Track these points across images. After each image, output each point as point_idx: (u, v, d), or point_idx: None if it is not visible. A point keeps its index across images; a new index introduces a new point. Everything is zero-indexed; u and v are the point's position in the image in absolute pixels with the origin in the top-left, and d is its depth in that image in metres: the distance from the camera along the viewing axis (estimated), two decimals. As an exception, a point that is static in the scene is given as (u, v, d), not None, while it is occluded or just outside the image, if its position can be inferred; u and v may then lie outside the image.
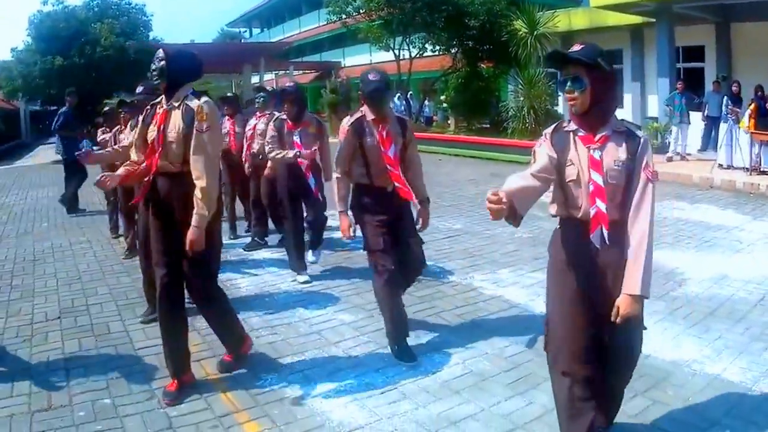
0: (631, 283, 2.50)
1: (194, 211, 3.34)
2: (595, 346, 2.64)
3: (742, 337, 4.22)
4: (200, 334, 4.39)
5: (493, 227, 7.58)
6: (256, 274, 5.95)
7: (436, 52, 19.60)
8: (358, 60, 35.34)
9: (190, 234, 3.34)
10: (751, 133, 10.56)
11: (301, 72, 41.27)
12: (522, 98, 16.18)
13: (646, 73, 17.96)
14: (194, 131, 3.37)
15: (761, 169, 10.54)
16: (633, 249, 2.52)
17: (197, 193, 3.34)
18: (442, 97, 23.75)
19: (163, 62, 3.41)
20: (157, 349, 4.17)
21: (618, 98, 2.73)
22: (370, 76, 4.06)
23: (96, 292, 5.60)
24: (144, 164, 3.58)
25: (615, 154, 2.55)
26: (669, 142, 13.25)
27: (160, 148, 3.42)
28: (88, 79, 18.88)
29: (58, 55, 18.45)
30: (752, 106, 10.82)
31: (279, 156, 5.58)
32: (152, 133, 3.48)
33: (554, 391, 2.75)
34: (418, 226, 4.18)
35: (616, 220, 2.55)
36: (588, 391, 2.63)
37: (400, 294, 4.13)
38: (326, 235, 6.34)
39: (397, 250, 4.00)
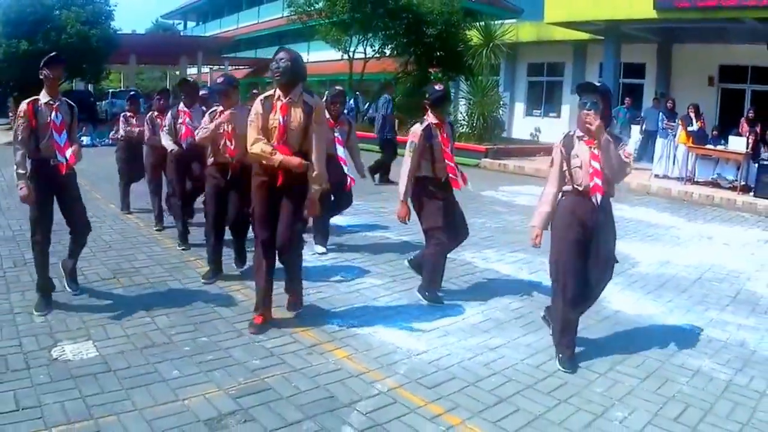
0: None
1: (310, 187, 4.45)
2: (585, 272, 4.15)
3: (687, 302, 5.61)
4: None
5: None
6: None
7: (394, 56, 20.70)
8: (295, 58, 36.16)
9: (309, 204, 4.48)
10: (688, 147, 12.30)
11: (234, 67, 41.73)
12: (473, 105, 17.54)
13: (586, 87, 19.76)
14: (312, 124, 4.43)
15: (694, 180, 12.30)
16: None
17: (312, 174, 4.42)
18: (389, 99, 24.91)
19: (288, 63, 4.36)
20: (226, 301, 5.16)
21: (610, 117, 4.30)
22: (436, 87, 5.25)
23: (136, 257, 6.39)
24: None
25: (608, 151, 3.98)
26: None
27: (284, 135, 4.41)
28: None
29: (23, 39, 18.67)
30: (680, 121, 12.65)
31: None
32: (273, 122, 4.43)
33: (556, 309, 4.24)
34: None
35: (606, 191, 4.08)
36: (578, 309, 4.20)
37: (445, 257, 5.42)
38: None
39: (450, 223, 5.22)
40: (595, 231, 4.11)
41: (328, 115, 6.58)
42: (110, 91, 32.23)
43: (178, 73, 40.16)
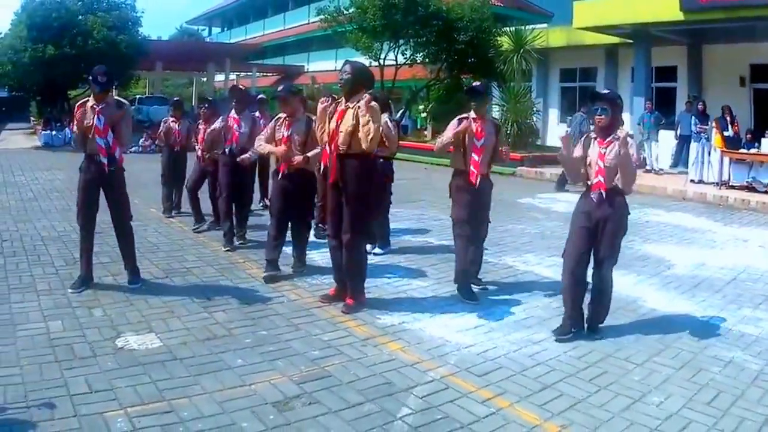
0: None
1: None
2: (587, 256, 4.81)
3: (720, 302, 5.95)
4: (308, 290, 5.87)
5: (503, 225, 9.19)
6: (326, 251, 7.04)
7: (425, 63, 21.05)
8: (323, 65, 36.61)
9: None
10: (722, 151, 12.56)
11: (261, 74, 42.53)
12: (507, 112, 17.87)
13: (619, 91, 19.96)
14: (359, 126, 5.00)
15: (729, 184, 12.55)
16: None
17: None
18: (420, 107, 25.34)
19: (349, 75, 5.04)
20: (279, 299, 5.62)
21: (621, 120, 4.85)
22: (474, 83, 5.88)
23: (185, 259, 6.88)
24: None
25: (613, 151, 4.61)
26: (644, 158, 15.24)
27: (335, 137, 5.08)
28: (77, 70, 19.81)
29: (49, 44, 19.42)
30: (714, 123, 12.91)
31: None
32: (332, 125, 5.13)
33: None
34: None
35: (610, 188, 4.66)
36: (579, 280, 4.81)
37: (469, 250, 5.74)
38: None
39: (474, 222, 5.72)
40: (601, 222, 4.71)
41: None
42: (137, 97, 33.00)
43: (205, 79, 41.07)
